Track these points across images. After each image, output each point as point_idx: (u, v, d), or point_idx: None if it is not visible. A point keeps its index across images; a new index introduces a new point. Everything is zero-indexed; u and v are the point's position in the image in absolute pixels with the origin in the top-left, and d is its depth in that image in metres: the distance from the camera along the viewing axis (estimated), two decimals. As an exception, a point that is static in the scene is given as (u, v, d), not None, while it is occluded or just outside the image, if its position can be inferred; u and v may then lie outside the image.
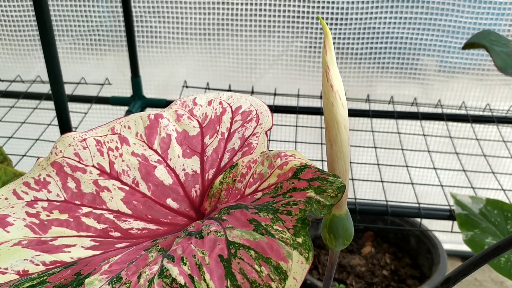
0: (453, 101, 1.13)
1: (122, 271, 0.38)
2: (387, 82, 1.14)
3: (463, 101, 1.10)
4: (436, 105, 1.10)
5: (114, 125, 0.50)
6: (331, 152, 0.43)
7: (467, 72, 1.12)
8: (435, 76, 1.12)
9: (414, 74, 1.12)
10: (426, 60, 1.11)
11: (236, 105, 0.51)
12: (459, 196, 0.84)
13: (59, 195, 0.47)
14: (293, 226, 0.36)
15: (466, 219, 0.79)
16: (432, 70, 1.12)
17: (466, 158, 1.03)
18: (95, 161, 0.48)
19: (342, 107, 0.41)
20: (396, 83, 1.13)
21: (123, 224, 0.46)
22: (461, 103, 1.09)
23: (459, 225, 0.79)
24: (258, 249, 0.34)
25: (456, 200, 0.83)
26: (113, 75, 1.20)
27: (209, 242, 0.36)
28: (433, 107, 1.10)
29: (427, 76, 1.12)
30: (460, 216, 0.80)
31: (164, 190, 0.48)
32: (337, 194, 0.39)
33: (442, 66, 1.10)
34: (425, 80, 1.13)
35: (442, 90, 1.12)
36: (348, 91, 1.12)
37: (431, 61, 1.12)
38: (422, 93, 1.13)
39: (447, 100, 1.13)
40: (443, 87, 1.12)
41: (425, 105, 1.12)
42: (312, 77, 1.16)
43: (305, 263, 0.34)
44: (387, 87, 1.14)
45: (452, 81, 1.12)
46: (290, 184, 0.40)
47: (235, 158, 0.48)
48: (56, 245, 0.44)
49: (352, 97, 1.12)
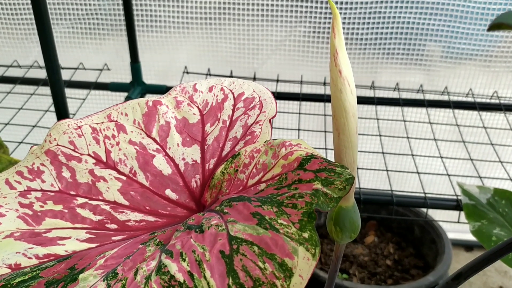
0: (460, 88, 1.10)
1: (118, 266, 0.36)
2: (393, 68, 1.11)
3: (470, 88, 1.07)
4: (443, 92, 1.07)
5: (111, 112, 0.48)
6: (339, 141, 0.41)
7: (474, 58, 1.09)
8: (442, 63, 1.10)
9: (420, 61, 1.09)
10: (432, 46, 1.08)
11: (238, 92, 0.49)
12: (466, 186, 0.82)
13: (53, 185, 0.45)
14: (299, 220, 0.34)
15: (474, 209, 0.77)
16: (438, 56, 1.09)
17: (473, 146, 1.01)
18: (90, 149, 0.46)
19: (350, 94, 0.39)
20: (401, 69, 1.11)
21: (120, 215, 0.44)
22: (468, 90, 1.07)
23: (466, 216, 0.77)
24: (261, 245, 0.32)
25: (463, 190, 0.81)
26: (112, 60, 1.18)
27: (210, 236, 0.34)
28: (440, 94, 1.07)
29: (434, 63, 1.09)
30: (467, 207, 0.78)
31: (163, 180, 0.46)
32: (345, 186, 0.36)
33: (449, 52, 1.07)
34: (431, 66, 1.10)
35: (448, 77, 1.09)
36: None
37: (437, 47, 1.09)
38: (428, 80, 1.11)
39: (453, 87, 1.10)
40: (449, 74, 1.09)
41: (431, 92, 1.09)
42: (316, 63, 1.13)
43: (312, 259, 0.32)
44: (393, 74, 1.12)
45: (459, 67, 1.09)
46: (295, 175, 0.38)
47: (237, 147, 0.46)
48: (50, 237, 0.42)
49: (357, 84, 1.09)
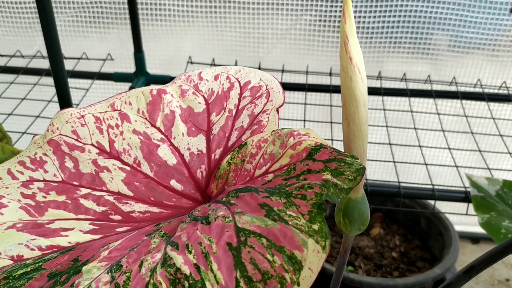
0: (468, 78, 1.08)
1: (123, 258, 0.35)
2: (399, 58, 1.10)
3: (479, 78, 1.05)
4: (451, 82, 1.06)
5: (114, 101, 0.47)
6: (348, 131, 0.40)
7: (482, 48, 1.07)
8: (449, 52, 1.08)
9: (428, 50, 1.07)
10: (440, 35, 1.06)
11: (244, 80, 0.47)
12: (475, 178, 0.81)
13: (56, 175, 0.44)
14: (308, 212, 0.33)
15: (482, 201, 0.76)
16: (446, 46, 1.07)
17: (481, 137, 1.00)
18: (94, 139, 0.45)
19: (361, 82, 0.38)
20: (408, 59, 1.09)
21: (124, 206, 0.43)
22: (476, 81, 1.05)
23: (475, 208, 0.76)
24: (270, 237, 0.31)
25: (471, 182, 0.79)
26: (116, 50, 1.16)
27: (217, 228, 0.33)
28: (447, 85, 1.06)
29: (441, 52, 1.08)
30: (476, 199, 0.76)
31: (167, 171, 0.45)
32: (356, 177, 0.35)
33: (456, 42, 1.05)
34: (438, 56, 1.08)
35: (456, 67, 1.07)
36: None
37: (445, 36, 1.07)
38: (436, 70, 1.09)
39: (461, 78, 1.08)
40: (457, 64, 1.08)
41: (438, 82, 1.07)
42: (322, 53, 1.11)
43: (322, 252, 0.31)
44: (399, 64, 1.10)
45: (466, 57, 1.07)
46: (304, 165, 0.37)
47: (244, 137, 0.45)
48: (53, 228, 0.41)
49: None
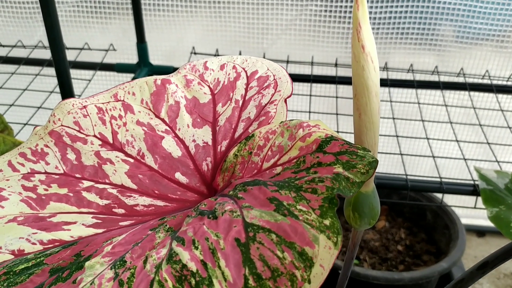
0: (476, 70, 1.07)
1: (126, 253, 0.34)
2: (406, 49, 1.08)
3: (487, 70, 1.04)
4: (458, 73, 1.04)
5: (117, 91, 0.46)
6: (360, 122, 0.39)
7: (491, 39, 1.05)
8: (457, 43, 1.06)
9: (436, 41, 1.05)
10: (447, 25, 1.04)
11: (251, 70, 0.46)
12: (484, 170, 0.79)
13: (58, 168, 0.43)
14: (320, 206, 0.31)
15: (491, 194, 0.75)
16: (453, 37, 1.06)
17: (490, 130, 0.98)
18: (96, 130, 0.44)
19: (373, 72, 0.37)
20: (415, 50, 1.07)
21: (128, 200, 0.42)
22: (484, 72, 1.03)
23: (483, 201, 0.74)
24: (280, 233, 0.30)
25: (480, 175, 0.78)
26: (118, 40, 1.15)
27: (224, 223, 0.32)
28: (455, 76, 1.04)
29: (449, 43, 1.06)
30: (484, 192, 0.75)
31: (172, 163, 0.43)
32: (369, 170, 0.34)
33: (465, 32, 1.04)
34: (446, 47, 1.06)
35: (464, 58, 1.06)
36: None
37: (452, 27, 1.05)
38: (443, 61, 1.07)
39: (469, 69, 1.07)
40: (465, 55, 1.06)
41: (446, 73, 1.06)
42: (327, 44, 1.10)
43: (333, 248, 0.30)
44: (406, 55, 1.08)
45: (475, 48, 1.05)
46: (314, 158, 0.36)
47: (251, 128, 0.43)
48: (55, 222, 0.40)
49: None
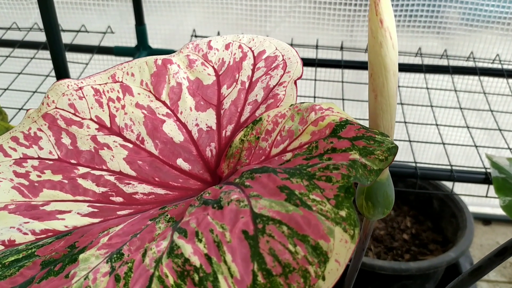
0: (486, 54, 1.03)
1: (124, 245, 0.31)
2: (414, 32, 1.04)
3: (497, 54, 1.00)
4: (468, 57, 1.01)
5: (115, 71, 0.43)
6: (375, 104, 0.36)
7: (502, 22, 1.01)
8: (467, 26, 1.03)
9: (446, 24, 1.02)
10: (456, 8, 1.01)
11: (258, 50, 0.43)
12: (496, 158, 0.77)
13: (51, 153, 0.40)
14: (335, 196, 0.29)
15: (504, 183, 0.72)
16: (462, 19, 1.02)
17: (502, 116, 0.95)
18: (93, 113, 0.41)
19: (392, 49, 0.34)
20: (423, 33, 1.04)
21: (126, 187, 0.39)
22: (495, 56, 1.00)
23: (496, 190, 0.71)
24: (291, 224, 0.27)
25: (492, 163, 0.75)
26: (116, 23, 1.11)
27: (230, 213, 0.29)
28: (464, 60, 1.01)
29: (458, 26, 1.02)
30: (497, 180, 0.72)
31: (173, 149, 0.41)
32: (388, 157, 0.31)
33: (475, 15, 1.00)
34: (456, 30, 1.03)
35: (474, 42, 1.02)
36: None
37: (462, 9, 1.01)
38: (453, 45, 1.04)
39: (479, 53, 1.03)
40: (475, 39, 1.02)
41: (454, 57, 1.02)
42: (332, 27, 1.06)
43: (350, 242, 0.27)
44: (414, 38, 1.05)
45: (485, 31, 1.02)
46: (328, 143, 0.33)
47: (258, 111, 0.40)
48: (48, 211, 0.37)
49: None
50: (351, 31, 1.06)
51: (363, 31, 1.07)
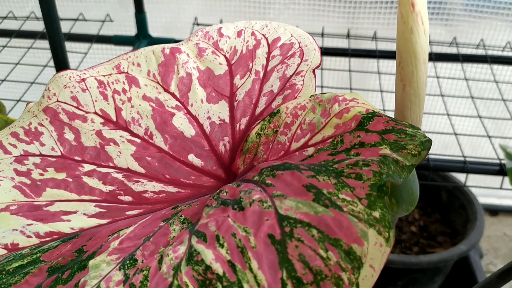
0: (496, 41, 1.01)
1: (137, 250, 0.29)
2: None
3: (508, 41, 0.98)
4: (478, 45, 0.98)
5: (120, 61, 0.40)
6: (403, 95, 0.33)
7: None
8: (476, 13, 1.00)
9: (455, 10, 0.99)
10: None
11: (273, 37, 0.40)
12: (510, 149, 0.74)
13: (54, 149, 0.37)
14: (367, 195, 0.27)
15: (519, 174, 0.70)
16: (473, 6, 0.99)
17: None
18: (97, 106, 0.39)
19: (423, 35, 0.31)
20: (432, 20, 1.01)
21: (135, 185, 0.37)
22: (505, 44, 0.98)
23: (511, 181, 0.69)
24: (322, 227, 0.25)
25: (506, 153, 0.73)
26: (115, 11, 1.08)
27: (253, 215, 0.27)
28: (474, 48, 0.98)
29: (467, 13, 0.99)
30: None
31: (184, 144, 0.38)
32: (421, 152, 0.29)
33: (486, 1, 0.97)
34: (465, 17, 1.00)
35: (484, 29, 0.99)
36: (379, 30, 1.00)
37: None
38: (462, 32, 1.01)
39: (488, 40, 1.01)
40: (485, 25, 1.00)
41: (463, 45, 1.00)
42: (338, 14, 1.03)
43: (385, 245, 0.25)
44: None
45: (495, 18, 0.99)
46: (354, 137, 0.30)
47: (275, 103, 0.38)
48: (53, 211, 0.35)
49: (381, 37, 1.00)
50: (357, 18, 1.03)
51: (370, 18, 1.04)
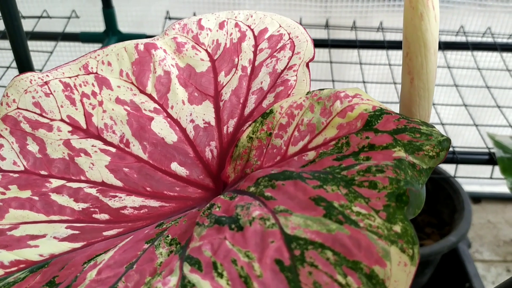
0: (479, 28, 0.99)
1: (118, 281, 0.25)
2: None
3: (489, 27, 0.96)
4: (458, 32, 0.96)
5: (88, 61, 0.35)
6: (411, 89, 0.30)
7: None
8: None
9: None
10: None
11: (259, 28, 0.36)
12: (498, 137, 0.73)
13: (16, 163, 0.33)
14: (384, 207, 0.23)
15: (510, 163, 0.68)
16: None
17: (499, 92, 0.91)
18: (64, 113, 0.34)
19: (434, 22, 0.28)
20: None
21: (112, 201, 0.32)
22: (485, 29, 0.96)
23: (502, 171, 0.67)
24: (337, 248, 0.21)
25: (495, 142, 0.71)
26: (81, 6, 1.02)
27: (255, 237, 0.23)
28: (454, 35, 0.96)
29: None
30: (502, 160, 0.68)
31: (166, 151, 0.34)
32: (439, 153, 0.26)
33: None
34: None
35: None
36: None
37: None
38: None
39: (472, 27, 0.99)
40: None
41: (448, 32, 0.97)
42: (316, 3, 1.00)
43: (410, 264, 0.22)
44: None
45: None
46: (362, 139, 0.27)
47: (266, 102, 0.34)
48: (18, 236, 0.30)
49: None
50: (337, 7, 1.00)
51: (347, 7, 1.01)
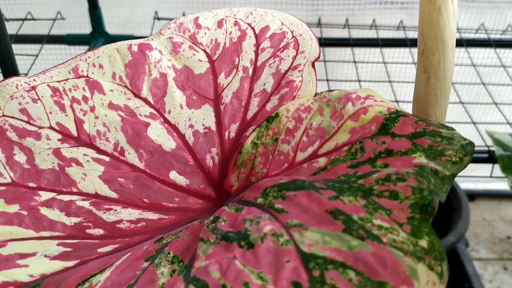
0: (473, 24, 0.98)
1: (118, 306, 0.23)
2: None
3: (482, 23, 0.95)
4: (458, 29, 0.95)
5: (78, 63, 0.33)
6: (427, 89, 0.28)
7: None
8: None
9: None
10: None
11: (260, 26, 0.34)
12: (497, 135, 0.71)
13: (2, 175, 0.30)
14: (408, 219, 0.21)
15: (510, 161, 0.67)
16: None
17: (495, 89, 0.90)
18: (53, 120, 0.32)
19: (452, 16, 0.26)
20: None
21: (107, 215, 0.30)
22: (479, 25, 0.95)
23: (502, 169, 0.66)
24: (360, 268, 0.20)
25: (494, 140, 0.70)
26: (67, 7, 0.99)
27: (268, 256, 0.21)
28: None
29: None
30: (502, 158, 0.67)
31: (164, 159, 0.32)
32: (463, 158, 0.24)
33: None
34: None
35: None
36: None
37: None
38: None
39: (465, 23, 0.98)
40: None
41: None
42: (307, 0, 0.98)
43: (439, 283, 0.20)
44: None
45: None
46: (378, 144, 0.25)
47: (270, 105, 0.32)
48: (5, 255, 0.28)
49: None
50: (329, 5, 0.98)
51: (339, 4, 0.99)
